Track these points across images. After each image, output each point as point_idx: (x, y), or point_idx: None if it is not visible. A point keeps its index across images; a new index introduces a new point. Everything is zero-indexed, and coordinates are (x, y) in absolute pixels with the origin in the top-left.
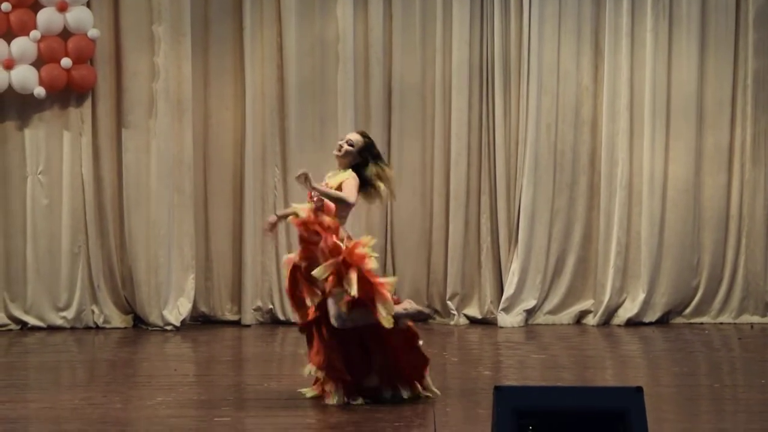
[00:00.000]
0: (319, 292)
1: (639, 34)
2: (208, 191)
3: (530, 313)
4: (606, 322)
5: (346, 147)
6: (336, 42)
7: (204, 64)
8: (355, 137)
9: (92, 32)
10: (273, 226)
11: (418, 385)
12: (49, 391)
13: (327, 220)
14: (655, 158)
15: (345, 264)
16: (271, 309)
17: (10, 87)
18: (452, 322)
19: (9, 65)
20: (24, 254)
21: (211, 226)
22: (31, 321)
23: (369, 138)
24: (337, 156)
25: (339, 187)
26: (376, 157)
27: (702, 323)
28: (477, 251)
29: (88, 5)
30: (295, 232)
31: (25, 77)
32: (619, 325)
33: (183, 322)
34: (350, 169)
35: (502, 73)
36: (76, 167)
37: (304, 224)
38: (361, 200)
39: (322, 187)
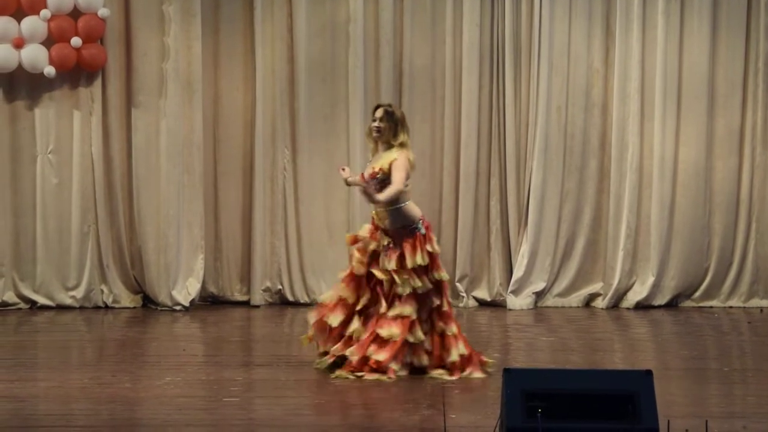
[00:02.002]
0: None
1: (650, 17)
2: (217, 172)
3: (539, 295)
4: (615, 305)
5: (380, 129)
6: (346, 23)
7: (214, 44)
8: (381, 112)
9: (102, 11)
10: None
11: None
12: (58, 370)
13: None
14: (665, 141)
15: None
16: (280, 290)
17: (20, 66)
18: (461, 305)
19: (19, 44)
20: (33, 233)
21: (221, 206)
22: (41, 300)
23: (391, 107)
24: (376, 137)
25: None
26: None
27: (711, 307)
28: (486, 233)
29: None
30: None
31: (36, 56)
32: (628, 309)
33: (192, 302)
34: (394, 148)
35: (512, 55)
36: (86, 147)
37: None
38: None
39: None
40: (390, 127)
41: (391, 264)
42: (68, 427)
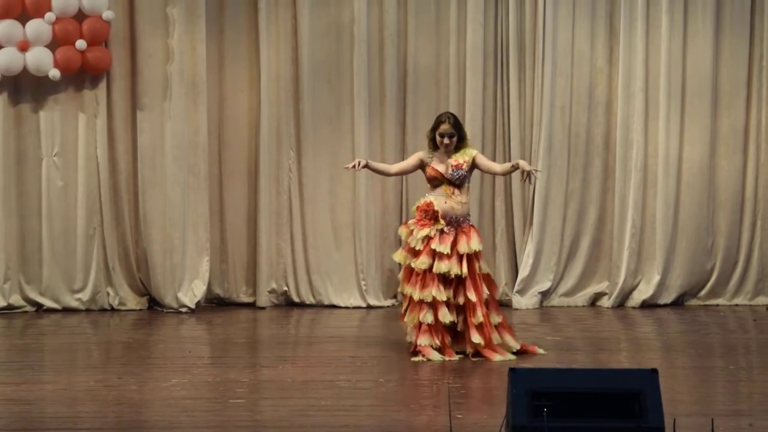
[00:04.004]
0: None
1: (654, 15)
2: (222, 173)
3: (545, 295)
4: (621, 304)
5: (452, 141)
6: (351, 24)
7: (218, 46)
8: (449, 129)
9: (107, 14)
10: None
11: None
12: (64, 372)
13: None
14: (670, 140)
15: None
16: (285, 291)
17: (25, 69)
18: None
19: (24, 47)
20: (39, 236)
21: (226, 208)
22: (47, 303)
23: (454, 116)
24: (447, 149)
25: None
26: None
27: (717, 305)
28: (492, 233)
29: None
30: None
31: (40, 59)
32: (633, 307)
33: (198, 304)
34: (466, 148)
35: (516, 55)
36: (91, 149)
37: None
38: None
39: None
40: (458, 135)
41: (447, 248)
42: (75, 430)
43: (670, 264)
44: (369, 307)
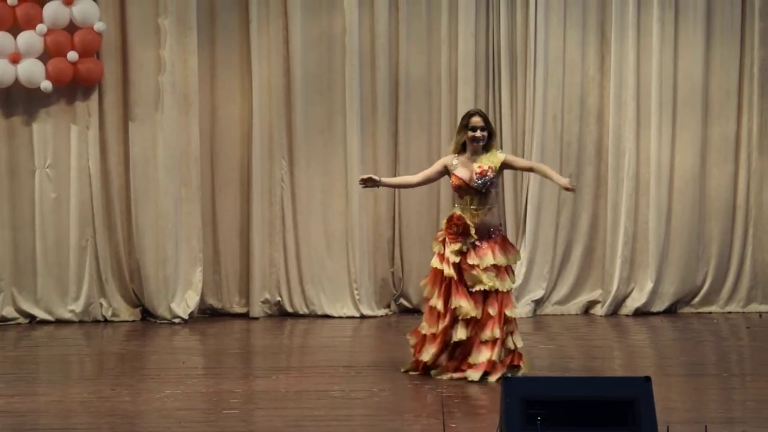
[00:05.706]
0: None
1: (645, 24)
2: (215, 184)
3: (538, 303)
4: (614, 312)
5: (483, 135)
6: (342, 34)
7: (210, 57)
8: (481, 121)
9: (98, 25)
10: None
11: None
12: (57, 384)
13: None
14: (661, 148)
15: None
16: (279, 301)
17: (16, 81)
18: None
19: (15, 59)
20: (32, 248)
21: (219, 218)
22: (40, 315)
23: (483, 112)
24: (476, 145)
25: (506, 165)
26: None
27: (710, 313)
28: None
29: None
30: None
31: (32, 71)
32: (627, 315)
33: (191, 314)
34: (493, 149)
35: (508, 64)
36: (84, 161)
37: None
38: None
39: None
40: (489, 132)
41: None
42: None
43: (662, 272)
44: (362, 316)
